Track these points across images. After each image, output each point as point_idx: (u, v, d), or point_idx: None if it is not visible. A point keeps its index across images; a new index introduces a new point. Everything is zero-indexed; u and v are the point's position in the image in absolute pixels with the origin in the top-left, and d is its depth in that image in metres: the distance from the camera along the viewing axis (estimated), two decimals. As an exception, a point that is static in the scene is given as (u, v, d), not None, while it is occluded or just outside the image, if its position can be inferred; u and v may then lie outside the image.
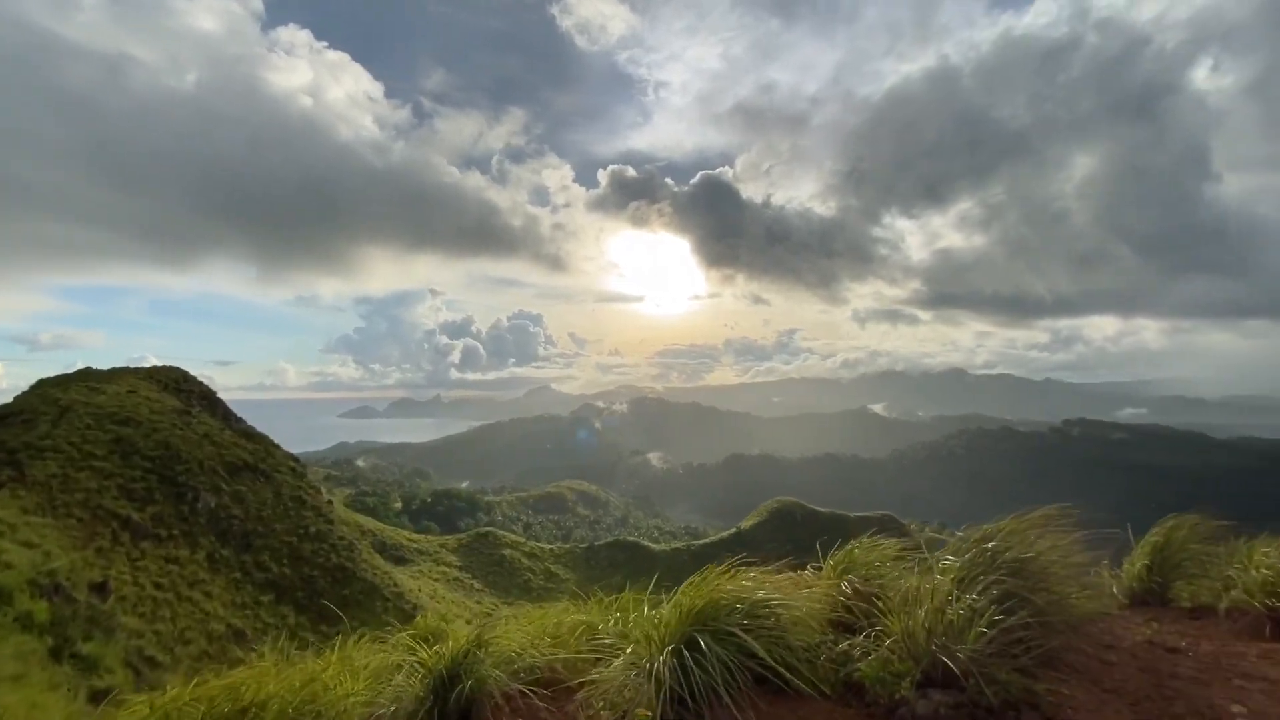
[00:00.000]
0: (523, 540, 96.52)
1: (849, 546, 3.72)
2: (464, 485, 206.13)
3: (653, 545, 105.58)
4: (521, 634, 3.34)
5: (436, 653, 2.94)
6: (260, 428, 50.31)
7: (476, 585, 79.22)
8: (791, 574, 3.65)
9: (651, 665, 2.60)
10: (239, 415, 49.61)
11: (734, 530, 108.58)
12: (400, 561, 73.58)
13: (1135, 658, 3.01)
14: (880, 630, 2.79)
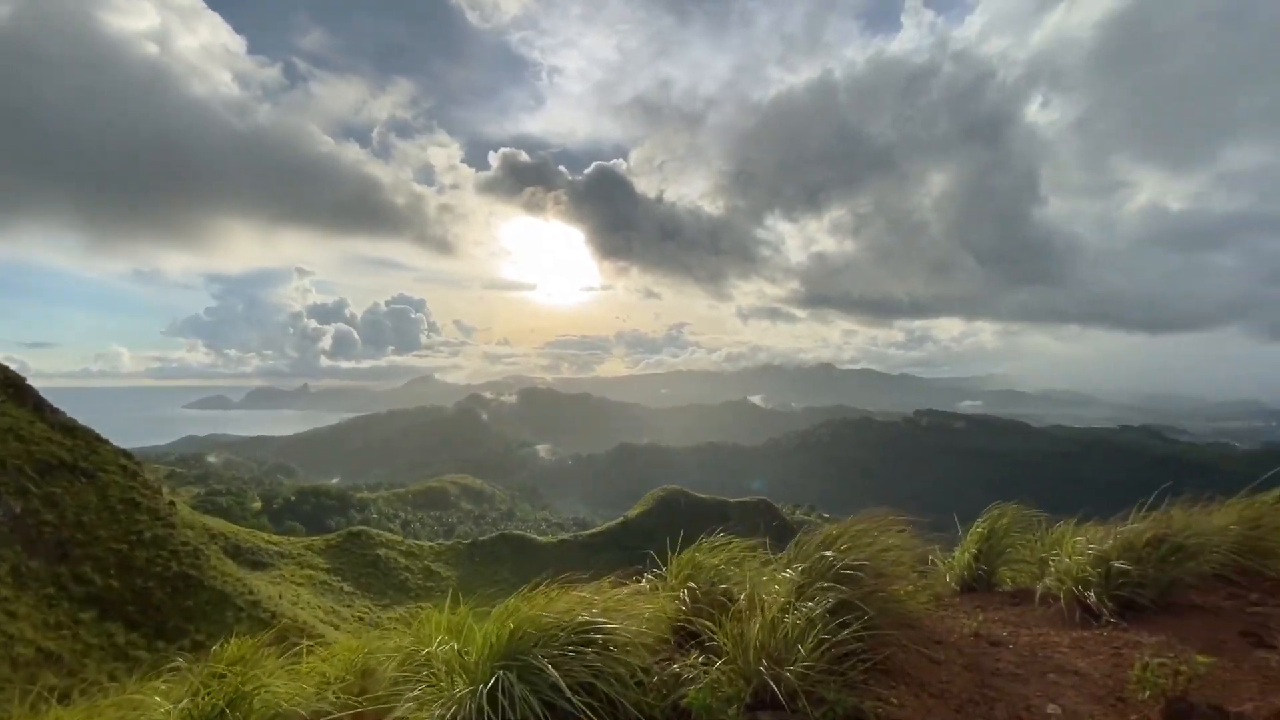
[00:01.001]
0: (400, 538, 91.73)
1: (693, 548, 3.49)
2: (334, 482, 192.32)
3: (539, 538, 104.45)
4: (317, 671, 2.78)
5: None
6: (86, 420, 43.56)
7: (347, 588, 74.36)
8: (634, 582, 3.38)
9: (453, 713, 2.17)
10: (56, 406, 42.46)
11: (621, 520, 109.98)
12: (258, 566, 67.22)
13: (962, 654, 3.05)
14: (714, 648, 2.56)
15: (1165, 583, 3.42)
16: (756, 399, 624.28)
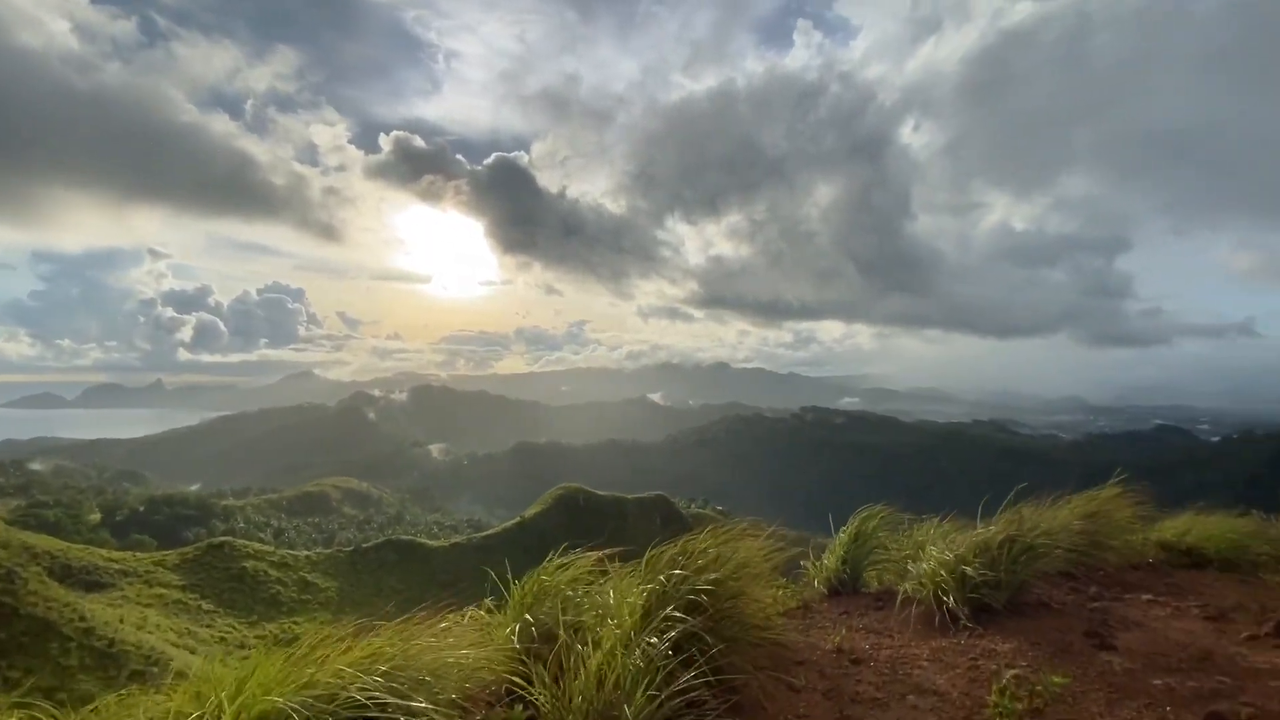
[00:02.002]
0: (270, 549, 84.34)
1: (539, 569, 3.06)
2: (194, 489, 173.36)
3: (430, 542, 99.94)
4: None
5: None
6: None
7: (206, 606, 67.44)
8: (470, 612, 2.90)
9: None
10: None
11: (518, 520, 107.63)
12: (95, 587, 59.33)
13: (823, 676, 2.86)
14: (537, 700, 2.13)
15: (1016, 584, 3.47)
16: (656, 396, 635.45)
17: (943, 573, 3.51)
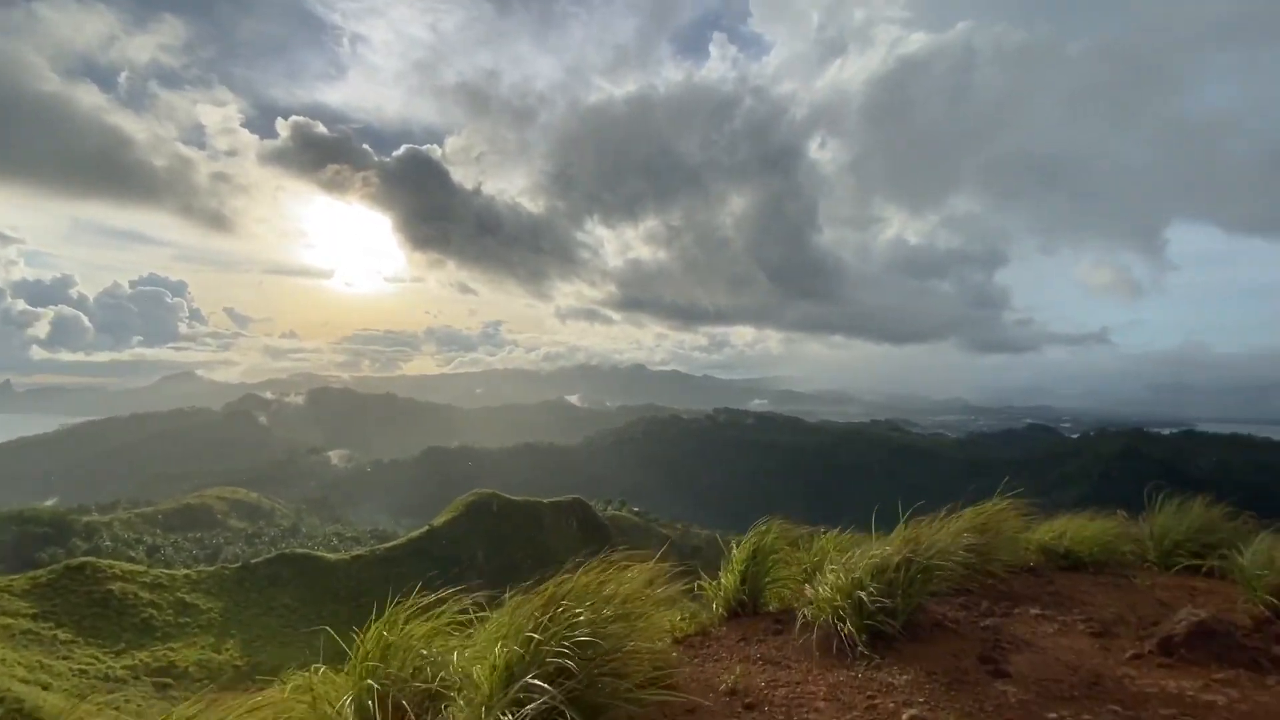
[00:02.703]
0: (143, 568, 76.07)
1: (387, 617, 2.57)
2: (49, 503, 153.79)
3: (329, 555, 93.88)
4: None
5: None
6: None
7: (64, 636, 59.85)
8: (298, 680, 2.38)
9: None
10: None
11: (426, 528, 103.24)
12: (-77, 621, 51.30)
13: (715, 726, 2.59)
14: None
15: (912, 608, 3.38)
16: (574, 398, 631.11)
17: (839, 599, 3.36)
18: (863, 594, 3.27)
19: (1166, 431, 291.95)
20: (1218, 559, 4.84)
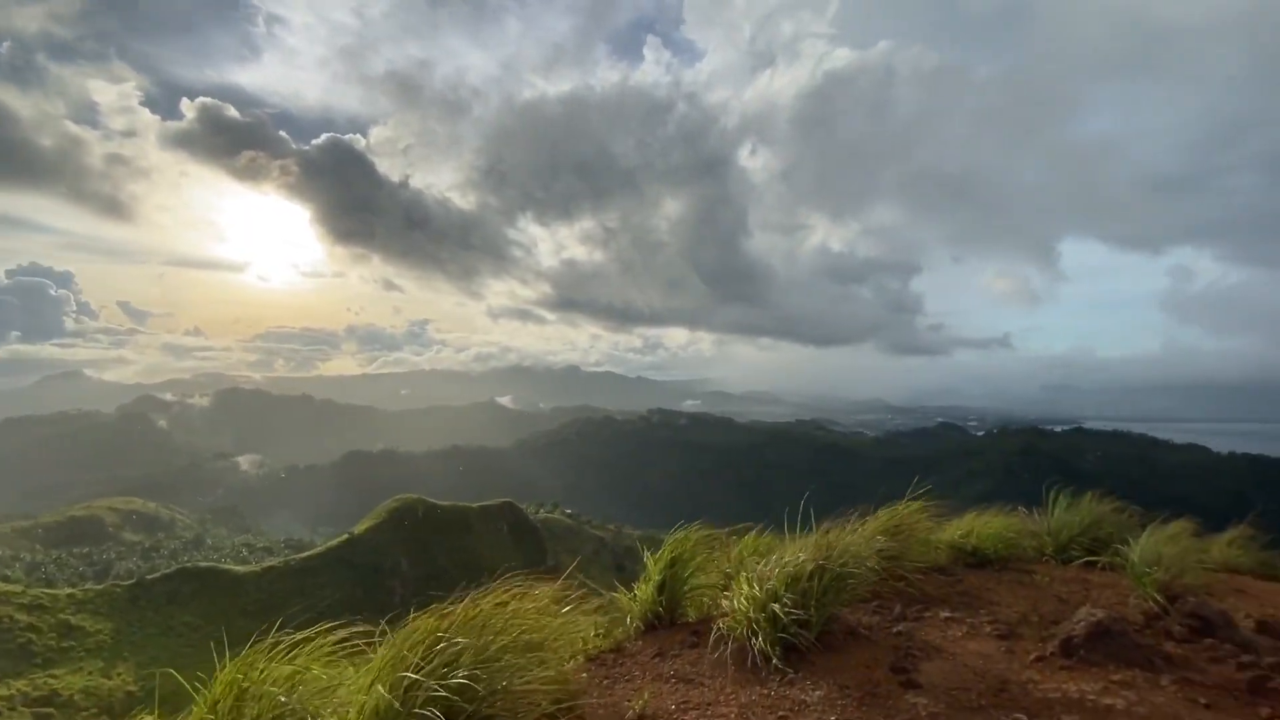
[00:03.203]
0: (19, 588, 69.39)
1: (244, 657, 2.18)
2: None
3: (237, 568, 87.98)
4: None
5: None
6: None
7: (-81, 666, 53.93)
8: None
9: None
10: None
11: (345, 536, 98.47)
12: None
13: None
14: None
15: (825, 618, 3.30)
16: (505, 400, 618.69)
17: (753, 613, 3.24)
18: (776, 606, 3.16)
19: (1059, 429, 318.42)
20: (1111, 554, 5.10)
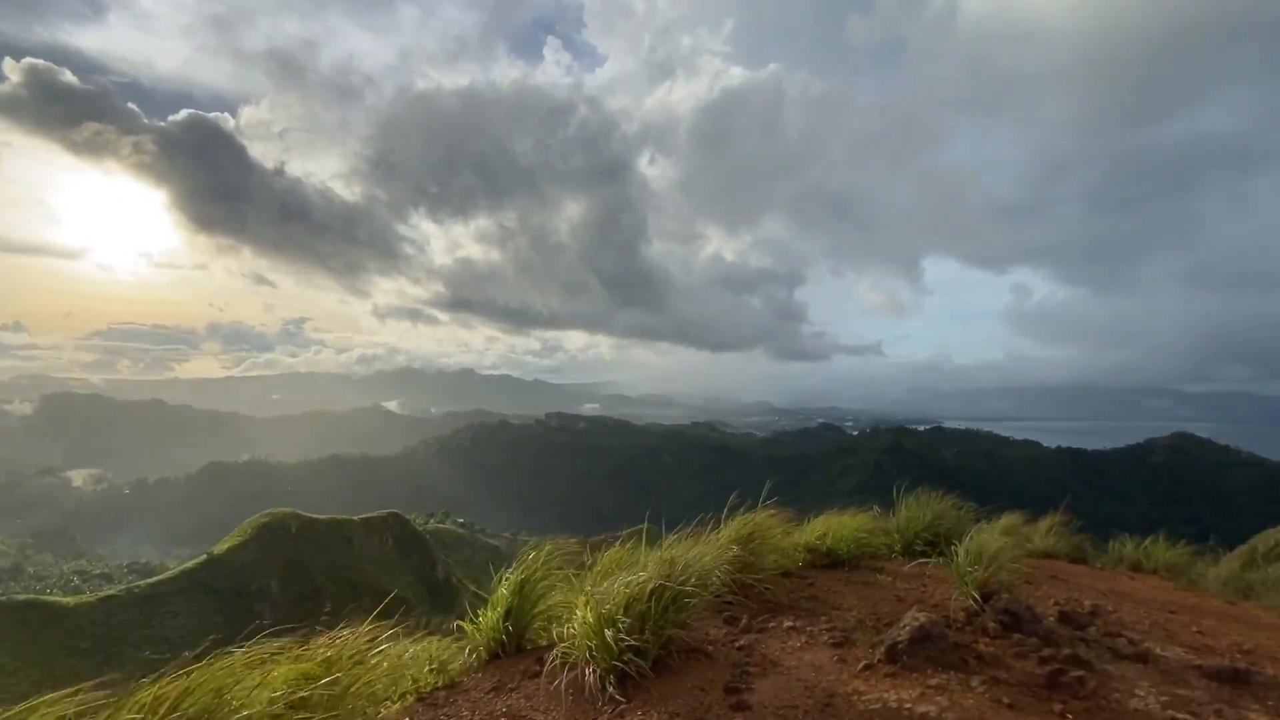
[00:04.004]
0: None
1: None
2: None
3: (66, 599, 76.18)
4: None
5: None
6: None
7: None
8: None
9: None
10: None
11: (204, 557, 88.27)
12: None
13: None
14: None
15: (663, 640, 3.17)
16: (393, 404, 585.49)
17: (591, 639, 3.04)
18: (609, 633, 2.98)
19: (922, 428, 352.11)
20: (939, 552, 5.44)
